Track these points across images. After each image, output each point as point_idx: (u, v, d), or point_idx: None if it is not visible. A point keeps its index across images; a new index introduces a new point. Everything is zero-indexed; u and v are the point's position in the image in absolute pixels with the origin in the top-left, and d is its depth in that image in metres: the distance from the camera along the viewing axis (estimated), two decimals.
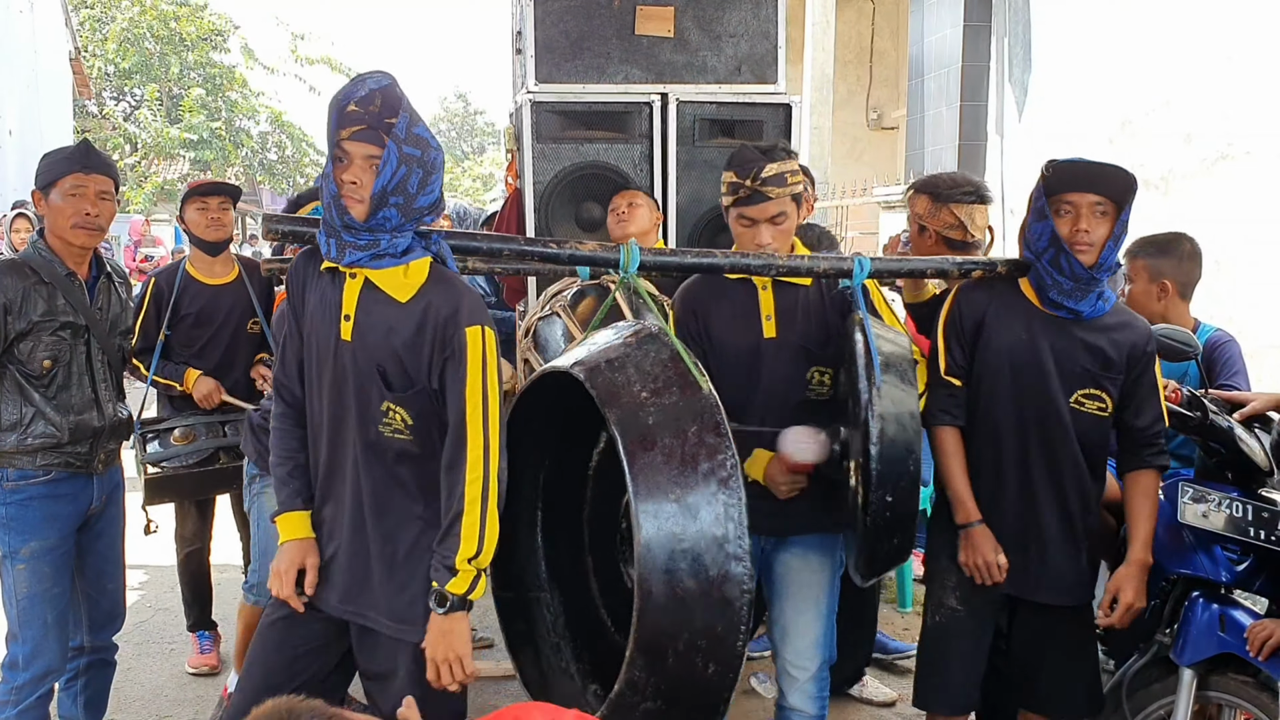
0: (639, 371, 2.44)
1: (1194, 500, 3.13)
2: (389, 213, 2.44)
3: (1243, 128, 6.36)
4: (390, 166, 2.40)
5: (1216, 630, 3.07)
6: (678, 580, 2.25)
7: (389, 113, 2.43)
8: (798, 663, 3.16)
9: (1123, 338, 3.02)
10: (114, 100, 24.59)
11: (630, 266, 2.75)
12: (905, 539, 2.78)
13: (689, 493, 2.28)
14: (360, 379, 2.52)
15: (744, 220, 3.03)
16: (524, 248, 2.86)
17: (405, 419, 2.51)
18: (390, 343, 2.49)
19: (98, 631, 3.62)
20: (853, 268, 2.91)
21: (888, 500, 2.65)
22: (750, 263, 2.92)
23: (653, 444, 2.31)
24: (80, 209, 3.31)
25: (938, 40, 10.57)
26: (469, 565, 2.42)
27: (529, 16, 4.55)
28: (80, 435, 3.40)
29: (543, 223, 4.59)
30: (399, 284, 2.50)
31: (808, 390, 3.10)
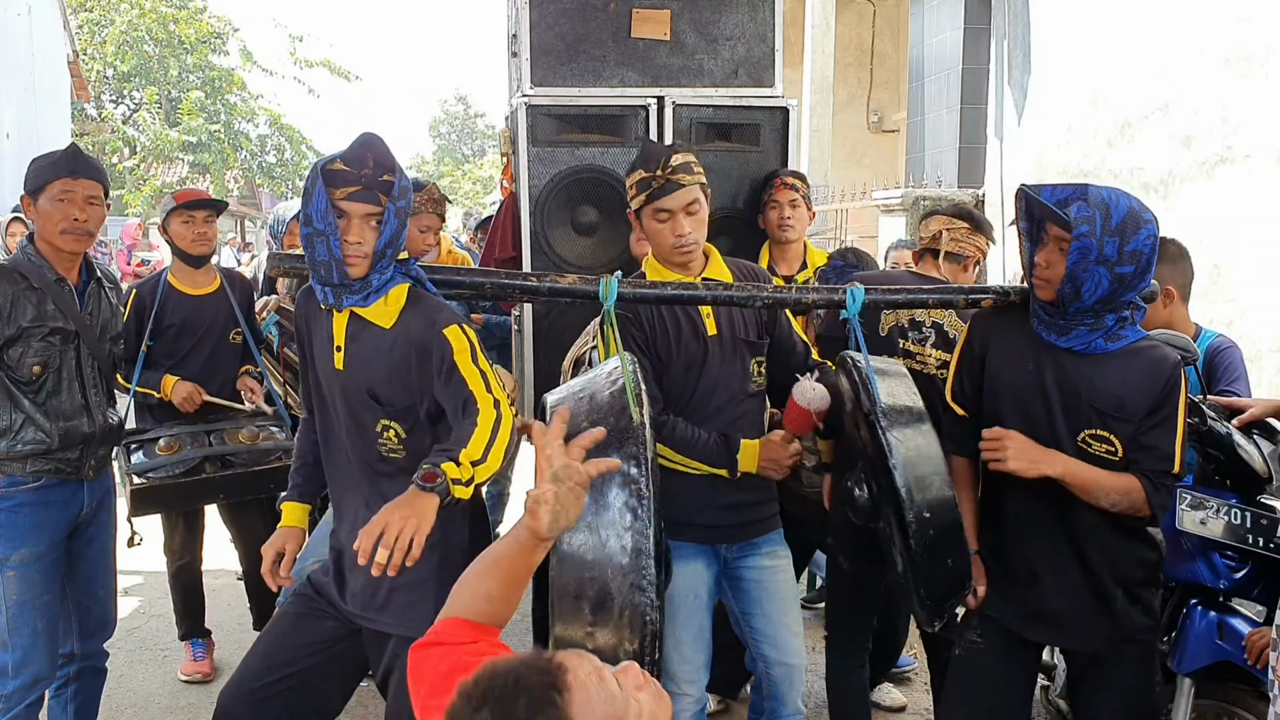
0: (592, 403, 2.49)
1: (1192, 507, 3.12)
2: (385, 261, 2.62)
3: (1242, 131, 6.34)
4: (390, 226, 2.56)
5: (1215, 638, 3.07)
6: (583, 607, 2.29)
7: (384, 170, 2.57)
8: (791, 660, 3.17)
9: (1139, 376, 2.73)
10: (113, 103, 24.60)
11: (609, 300, 2.75)
12: (959, 558, 2.65)
13: (601, 518, 2.31)
14: (355, 404, 2.71)
15: (660, 214, 3.00)
16: (505, 282, 2.93)
17: (399, 433, 2.68)
18: (377, 366, 2.66)
19: (88, 639, 3.60)
20: (845, 299, 2.83)
21: (926, 517, 2.56)
22: (734, 295, 2.89)
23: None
24: (68, 214, 3.28)
25: (938, 43, 10.57)
26: (470, 465, 2.47)
27: (524, 20, 4.53)
28: (70, 441, 3.37)
29: (538, 227, 4.56)
30: (381, 312, 2.67)
31: (750, 381, 3.16)
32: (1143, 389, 2.72)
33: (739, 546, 3.17)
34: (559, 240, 4.57)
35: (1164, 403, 2.73)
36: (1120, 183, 7.35)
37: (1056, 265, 2.70)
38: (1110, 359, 2.75)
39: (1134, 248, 2.63)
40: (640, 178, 3.02)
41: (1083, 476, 2.71)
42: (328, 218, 2.53)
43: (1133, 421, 2.74)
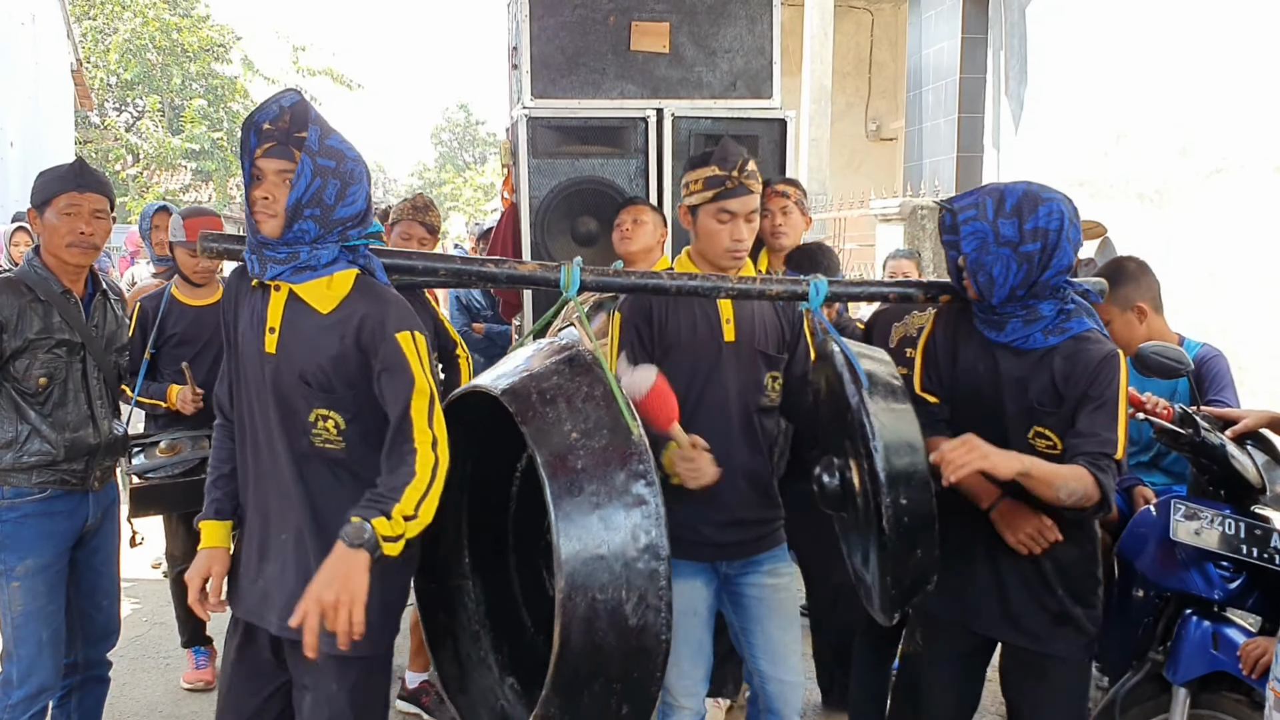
0: (570, 409, 2.40)
1: (1186, 518, 3.13)
2: (305, 225, 2.45)
3: (1237, 142, 6.37)
4: (304, 179, 2.41)
5: (1209, 648, 3.08)
6: (596, 630, 2.23)
7: (299, 127, 2.44)
8: (789, 677, 3.14)
9: (1067, 365, 2.73)
10: (116, 111, 24.65)
11: (571, 288, 2.66)
12: (928, 552, 2.57)
13: (612, 541, 2.26)
14: (285, 391, 2.53)
15: (724, 215, 2.96)
16: (460, 267, 2.82)
17: (338, 424, 2.52)
18: (313, 353, 2.49)
19: (92, 648, 3.62)
20: (808, 290, 2.81)
21: (902, 503, 2.47)
22: (699, 285, 2.81)
23: (580, 490, 2.29)
24: (75, 228, 3.31)
25: (935, 52, 10.61)
26: (403, 521, 2.36)
27: (525, 33, 4.57)
28: (76, 453, 3.40)
29: (538, 237, 4.60)
30: (321, 295, 2.51)
31: (763, 395, 3.10)
32: (1073, 378, 2.71)
33: (741, 563, 3.11)
34: (559, 250, 4.61)
35: (1095, 387, 2.68)
36: (1116, 192, 7.38)
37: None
38: (1051, 354, 2.75)
39: (1034, 225, 2.65)
40: (712, 174, 2.96)
41: (1042, 473, 2.62)
42: (248, 178, 2.48)
43: (1062, 411, 2.72)
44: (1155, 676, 3.24)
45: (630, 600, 2.26)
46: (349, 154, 2.48)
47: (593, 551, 2.25)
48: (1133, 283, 3.54)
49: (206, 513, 2.72)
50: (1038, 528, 2.78)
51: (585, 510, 2.28)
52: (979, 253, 2.69)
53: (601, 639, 2.24)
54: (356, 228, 2.53)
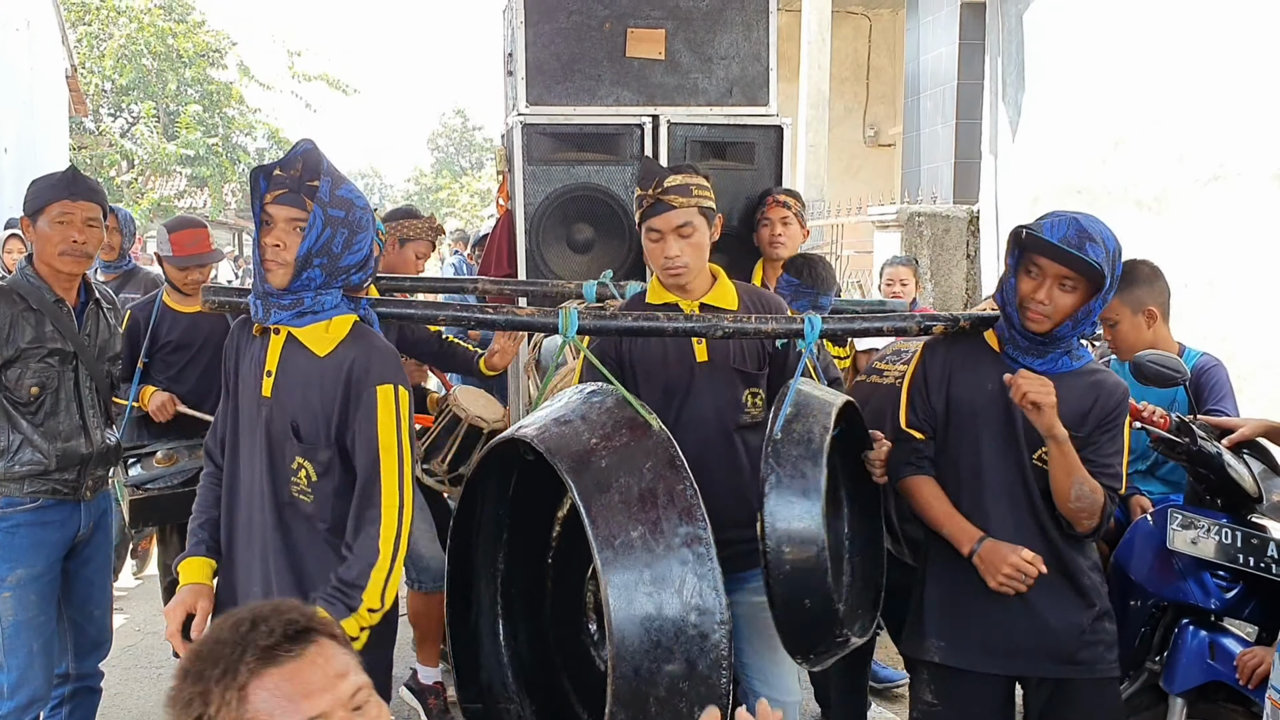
0: (586, 422, 2.40)
1: (1183, 527, 3.13)
2: (312, 274, 2.48)
3: (1235, 148, 6.37)
4: (315, 230, 2.43)
5: (1206, 658, 3.07)
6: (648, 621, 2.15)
7: (311, 175, 2.46)
8: (784, 697, 3.12)
9: (1093, 395, 2.80)
10: (111, 117, 24.61)
11: (569, 331, 2.66)
12: (820, 603, 2.58)
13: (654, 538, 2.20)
14: (277, 436, 2.55)
15: (652, 233, 2.98)
16: (458, 314, 2.82)
17: (310, 474, 2.53)
18: (304, 396, 2.51)
19: (83, 658, 3.60)
20: (803, 328, 2.80)
21: (784, 552, 2.53)
22: (695, 326, 2.79)
23: (608, 486, 2.25)
24: (67, 236, 3.30)
25: (933, 58, 10.61)
26: (368, 614, 2.43)
27: (520, 39, 4.56)
28: (68, 462, 3.38)
29: (534, 245, 4.58)
30: (319, 338, 2.54)
31: (743, 413, 3.08)
32: (1097, 408, 2.80)
33: (726, 580, 3.09)
34: (554, 258, 4.59)
35: (1110, 424, 2.81)
36: (1114, 199, 7.38)
37: (1060, 301, 2.72)
38: (1068, 378, 2.80)
39: (1119, 271, 2.74)
40: (636, 195, 3.01)
41: (1073, 455, 2.71)
42: (257, 221, 2.50)
43: (1079, 436, 2.76)
44: (1152, 686, 3.24)
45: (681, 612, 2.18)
46: (358, 202, 2.51)
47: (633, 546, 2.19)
48: (1146, 285, 3.52)
49: (192, 551, 2.70)
50: (1016, 565, 2.75)
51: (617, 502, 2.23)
52: (1096, 304, 2.71)
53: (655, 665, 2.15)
54: (359, 273, 2.56)
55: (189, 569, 2.67)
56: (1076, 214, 2.72)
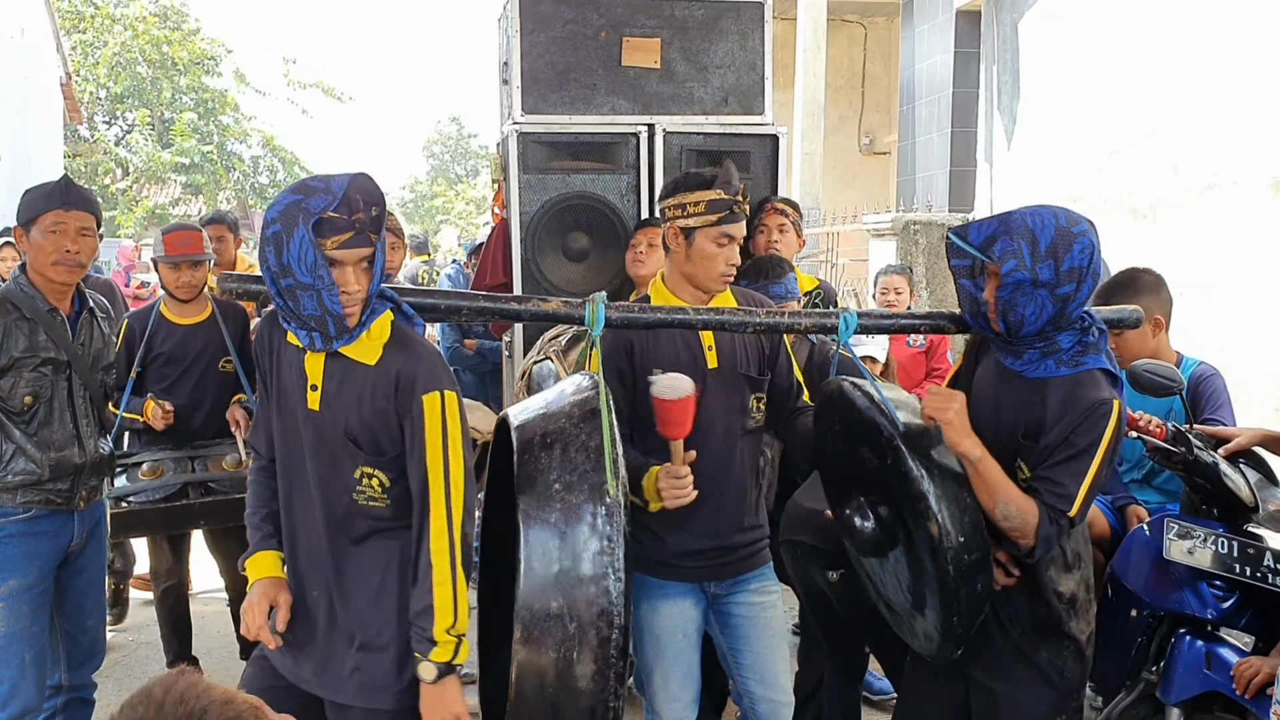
0: (563, 457, 2.38)
1: (1180, 537, 3.12)
2: (374, 303, 2.45)
3: (1230, 157, 6.38)
4: (380, 263, 2.39)
5: (1203, 668, 3.07)
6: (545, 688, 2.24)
7: (374, 207, 2.36)
8: (778, 697, 3.14)
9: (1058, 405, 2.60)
10: (105, 124, 24.59)
11: (596, 326, 2.64)
12: (987, 582, 2.56)
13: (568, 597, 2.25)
14: (330, 448, 2.49)
15: (724, 239, 2.94)
16: (485, 305, 2.76)
17: (383, 482, 2.49)
18: (359, 409, 2.46)
19: (76, 669, 3.58)
20: (837, 324, 2.78)
21: (960, 540, 2.47)
22: (726, 319, 2.79)
23: (546, 543, 2.29)
24: (60, 246, 3.29)
25: (928, 66, 10.64)
26: (448, 635, 2.44)
27: (515, 48, 4.56)
28: (61, 472, 3.37)
29: (529, 253, 4.59)
30: (364, 348, 2.47)
31: (749, 418, 3.09)
32: (1060, 418, 2.59)
33: (727, 583, 3.11)
34: (550, 266, 4.60)
35: (1077, 434, 2.57)
36: (1109, 207, 7.39)
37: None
38: (1057, 385, 2.63)
39: (1070, 265, 2.55)
40: (717, 198, 2.92)
41: (993, 474, 2.57)
42: (318, 271, 2.31)
43: (1035, 445, 2.63)
44: (1149, 697, 3.23)
45: (580, 663, 2.24)
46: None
47: (548, 607, 2.24)
48: (1152, 294, 3.51)
49: (258, 546, 2.66)
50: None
51: (548, 564, 2.27)
52: (1013, 295, 2.57)
53: (552, 696, 2.24)
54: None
55: (260, 564, 2.64)
56: (1022, 209, 2.62)
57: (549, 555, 2.27)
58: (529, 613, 2.23)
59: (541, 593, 2.25)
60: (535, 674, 2.23)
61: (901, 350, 5.65)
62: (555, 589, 2.25)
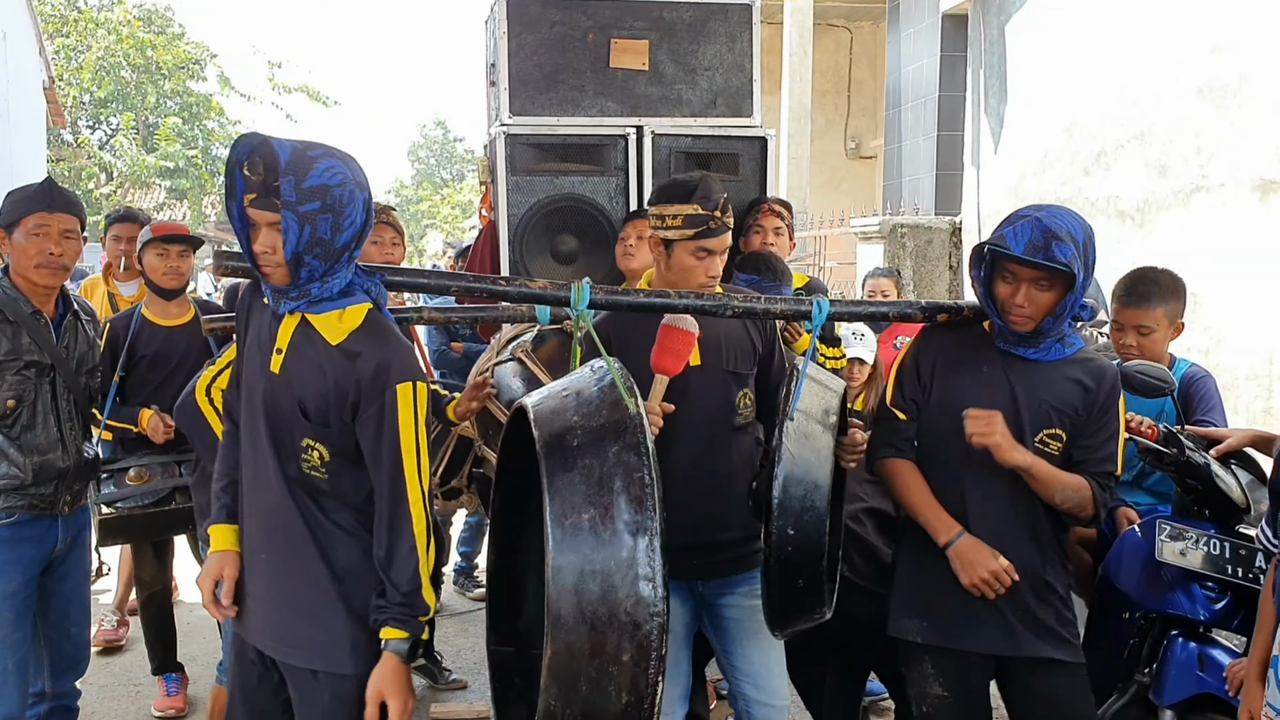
0: (579, 399, 2.40)
1: (1172, 538, 3.12)
2: (311, 266, 2.42)
3: (1217, 160, 6.40)
4: (293, 233, 2.36)
5: (1195, 670, 3.06)
6: (586, 603, 2.20)
7: (272, 177, 2.38)
8: (773, 700, 3.14)
9: (1089, 380, 2.86)
10: (89, 129, 24.51)
11: (581, 305, 2.68)
12: (811, 583, 2.67)
13: (602, 515, 2.23)
14: (283, 412, 2.51)
15: (701, 252, 2.99)
16: (472, 284, 2.82)
17: (322, 455, 2.51)
18: (315, 381, 2.47)
19: (60, 677, 3.55)
20: (811, 310, 2.86)
21: (789, 533, 2.59)
22: (705, 304, 2.83)
23: (573, 465, 2.28)
24: (44, 249, 3.26)
25: (914, 70, 10.65)
26: (424, 619, 2.51)
27: (503, 49, 4.53)
28: (45, 476, 3.33)
29: (517, 256, 4.56)
30: (333, 326, 2.48)
31: (736, 415, 3.10)
32: (1091, 391, 2.85)
33: (717, 584, 3.12)
34: (538, 268, 4.57)
35: (1107, 407, 2.86)
36: (1097, 210, 7.40)
37: (1039, 300, 2.76)
38: (1063, 364, 2.88)
39: (1093, 258, 2.78)
40: (694, 213, 2.96)
41: (1044, 471, 2.80)
42: (240, 221, 2.45)
43: (1079, 419, 2.86)
44: (1141, 699, 3.22)
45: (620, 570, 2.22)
46: (333, 181, 2.40)
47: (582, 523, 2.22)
48: (1179, 299, 3.55)
49: (216, 517, 2.70)
50: (995, 573, 2.80)
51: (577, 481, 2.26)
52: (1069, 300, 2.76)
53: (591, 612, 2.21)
54: (358, 245, 2.48)
55: (218, 536, 2.68)
56: (1038, 212, 2.75)
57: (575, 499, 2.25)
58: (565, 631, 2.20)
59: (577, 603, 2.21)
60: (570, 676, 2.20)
61: (889, 352, 5.64)
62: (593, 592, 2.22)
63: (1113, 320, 3.56)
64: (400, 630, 2.46)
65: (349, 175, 2.43)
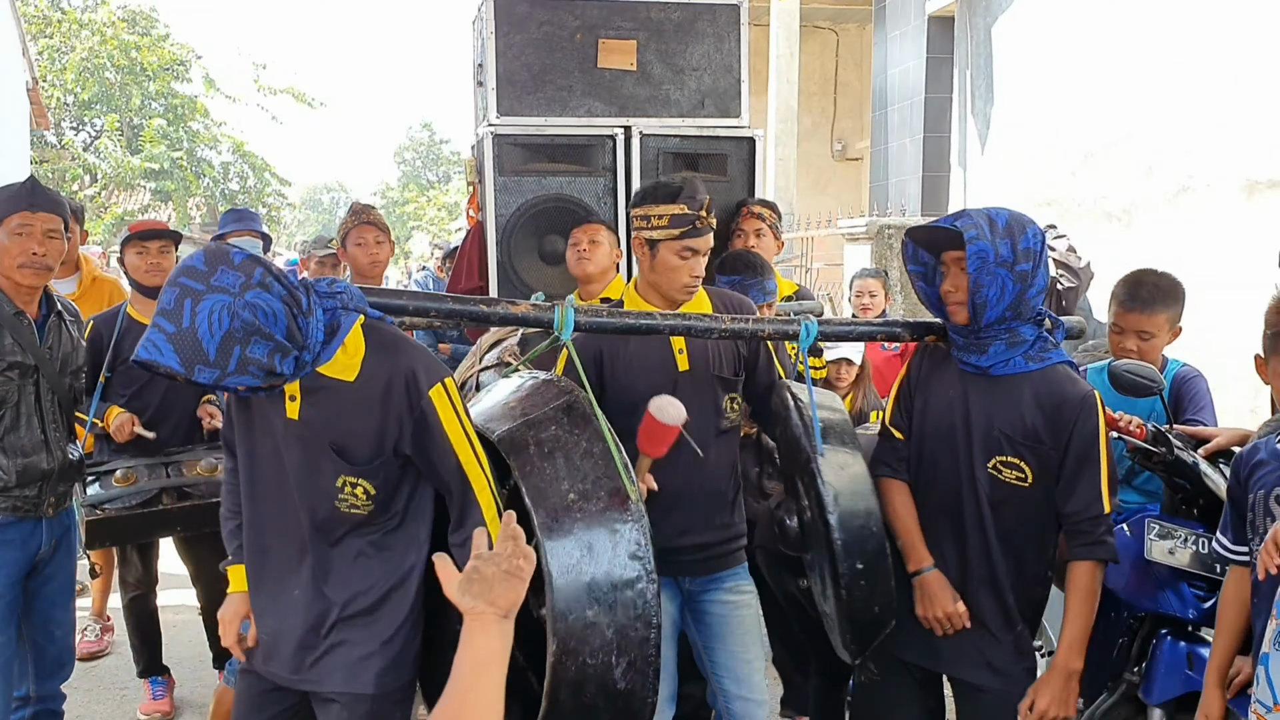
0: (568, 465, 2.40)
1: (1160, 537, 3.12)
2: (282, 366, 2.27)
3: (1204, 160, 6.42)
4: (245, 381, 2.22)
5: (1184, 668, 3.07)
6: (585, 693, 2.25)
7: (210, 367, 2.17)
8: (753, 695, 3.17)
9: (1049, 405, 2.76)
10: (73, 130, 24.35)
11: (565, 330, 2.66)
12: (886, 604, 2.72)
13: (604, 607, 2.28)
14: (309, 457, 2.46)
15: (687, 252, 3.00)
16: (453, 307, 2.76)
17: (367, 490, 2.47)
18: (346, 422, 2.43)
19: (44, 680, 3.51)
20: (799, 330, 2.86)
21: (859, 568, 2.62)
22: (694, 325, 2.84)
23: (574, 555, 2.31)
24: (27, 248, 3.23)
25: (900, 72, 10.66)
26: None
27: (490, 49, 4.52)
28: (29, 478, 3.31)
29: (505, 256, 4.55)
30: (342, 365, 2.43)
31: (723, 419, 3.13)
32: (1051, 422, 2.76)
33: (702, 580, 3.16)
34: (526, 269, 4.56)
35: (1081, 439, 2.74)
36: (1084, 211, 7.42)
37: (962, 283, 2.74)
38: (1027, 382, 2.78)
39: (1026, 245, 2.71)
40: (680, 213, 2.97)
41: (1079, 635, 2.78)
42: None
43: (1043, 449, 2.77)
44: (1131, 698, 3.22)
45: (619, 666, 2.27)
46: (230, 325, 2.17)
47: (584, 617, 2.25)
48: (1180, 303, 3.49)
49: (236, 558, 2.71)
50: (950, 615, 2.85)
51: (579, 575, 2.29)
52: (979, 273, 2.68)
53: (590, 700, 2.26)
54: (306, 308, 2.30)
55: (238, 576, 2.70)
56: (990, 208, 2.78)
57: (577, 566, 2.29)
58: (564, 625, 2.24)
59: (576, 603, 2.26)
60: (573, 683, 2.24)
61: (876, 353, 5.65)
62: (589, 598, 2.27)
63: (1112, 323, 3.51)
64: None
65: (227, 300, 2.17)
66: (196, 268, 2.19)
